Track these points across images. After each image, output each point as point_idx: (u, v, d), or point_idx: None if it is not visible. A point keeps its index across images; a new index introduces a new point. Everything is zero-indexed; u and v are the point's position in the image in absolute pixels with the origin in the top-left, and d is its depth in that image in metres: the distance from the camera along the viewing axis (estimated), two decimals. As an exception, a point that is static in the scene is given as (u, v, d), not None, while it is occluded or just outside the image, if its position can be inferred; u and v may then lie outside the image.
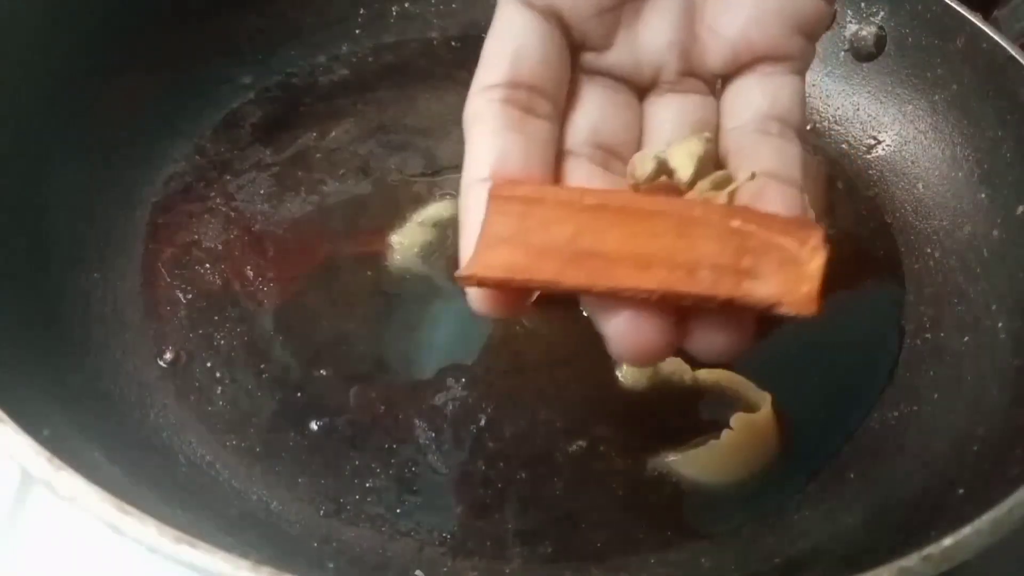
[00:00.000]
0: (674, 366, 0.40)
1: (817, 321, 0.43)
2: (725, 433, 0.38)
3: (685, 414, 0.40)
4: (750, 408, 0.39)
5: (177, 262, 0.43)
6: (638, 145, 0.33)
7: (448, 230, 0.45)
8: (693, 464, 0.38)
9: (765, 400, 0.39)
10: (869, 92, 0.52)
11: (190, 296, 0.41)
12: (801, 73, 0.33)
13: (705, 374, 0.40)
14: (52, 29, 0.43)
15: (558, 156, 0.31)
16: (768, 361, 0.41)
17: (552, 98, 0.31)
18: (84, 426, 0.33)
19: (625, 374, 0.40)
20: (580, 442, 0.38)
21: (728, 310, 0.27)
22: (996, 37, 0.45)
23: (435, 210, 0.46)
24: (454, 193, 0.46)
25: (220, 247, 0.44)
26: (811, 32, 0.32)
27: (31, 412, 0.30)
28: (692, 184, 0.29)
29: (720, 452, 0.38)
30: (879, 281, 0.46)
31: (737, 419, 0.38)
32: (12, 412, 0.29)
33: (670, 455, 0.38)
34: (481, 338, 0.42)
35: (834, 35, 0.53)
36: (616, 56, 0.32)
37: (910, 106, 0.50)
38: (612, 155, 0.32)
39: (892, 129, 0.51)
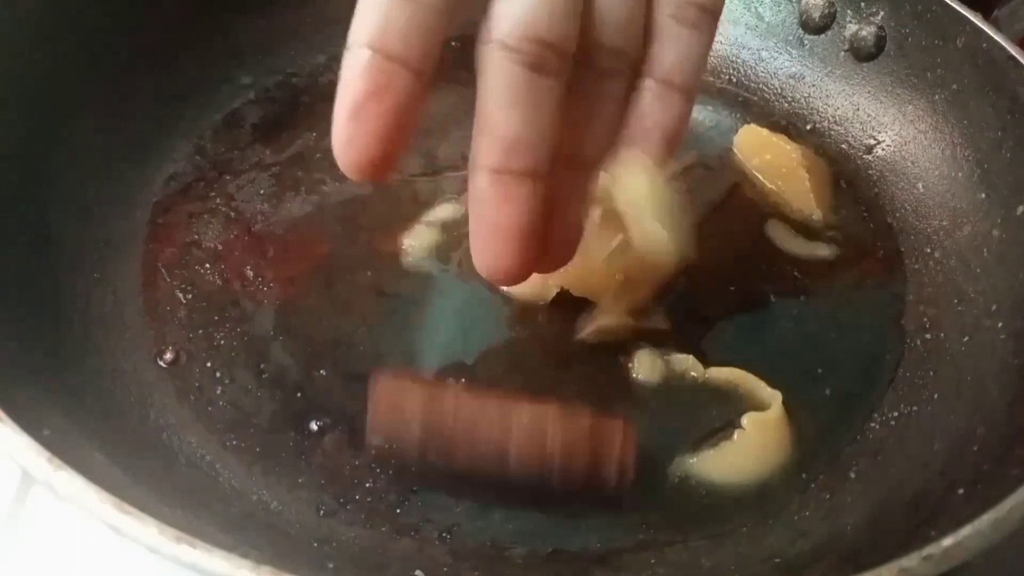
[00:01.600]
0: (687, 364, 0.40)
1: (817, 321, 0.43)
2: (738, 433, 0.38)
3: (685, 415, 0.39)
4: (759, 407, 0.39)
5: (177, 262, 0.43)
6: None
7: (456, 231, 0.45)
8: (711, 465, 0.38)
9: (776, 398, 0.39)
10: (869, 92, 0.52)
11: (190, 296, 0.41)
12: None
13: (716, 372, 0.40)
14: (52, 29, 0.43)
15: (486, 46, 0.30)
16: (768, 362, 0.41)
17: None
18: (84, 426, 0.33)
19: (637, 369, 0.40)
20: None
21: None
22: (996, 37, 0.45)
23: (444, 211, 0.46)
24: (458, 194, 0.46)
25: (220, 247, 0.44)
26: None
27: (31, 412, 0.30)
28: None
29: (736, 452, 0.38)
30: (879, 281, 0.46)
31: (749, 418, 0.38)
32: (12, 412, 0.29)
33: (688, 457, 0.38)
34: (481, 338, 0.42)
35: (834, 35, 0.53)
36: None
37: (910, 106, 0.50)
38: (550, 50, 0.30)
39: (892, 129, 0.51)
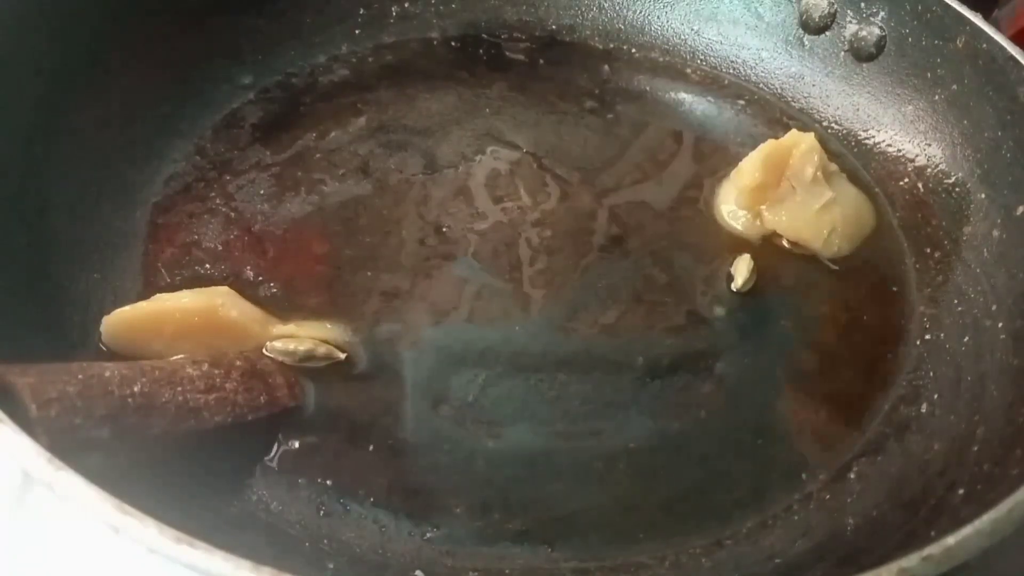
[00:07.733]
0: None
1: (818, 321, 0.43)
2: None
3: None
4: None
5: (177, 262, 0.43)
6: None
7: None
8: None
9: None
10: (869, 92, 0.52)
11: (190, 296, 0.41)
12: None
13: None
14: (52, 30, 0.43)
15: None
16: (770, 361, 0.41)
17: None
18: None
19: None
20: (580, 442, 0.38)
21: None
22: (996, 37, 0.45)
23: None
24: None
25: (220, 247, 0.44)
26: None
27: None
28: None
29: None
30: (879, 282, 0.46)
31: None
32: (12, 412, 0.29)
33: None
34: (481, 338, 0.42)
35: (834, 35, 0.53)
36: None
37: (910, 106, 0.50)
38: None
39: (892, 129, 0.51)
